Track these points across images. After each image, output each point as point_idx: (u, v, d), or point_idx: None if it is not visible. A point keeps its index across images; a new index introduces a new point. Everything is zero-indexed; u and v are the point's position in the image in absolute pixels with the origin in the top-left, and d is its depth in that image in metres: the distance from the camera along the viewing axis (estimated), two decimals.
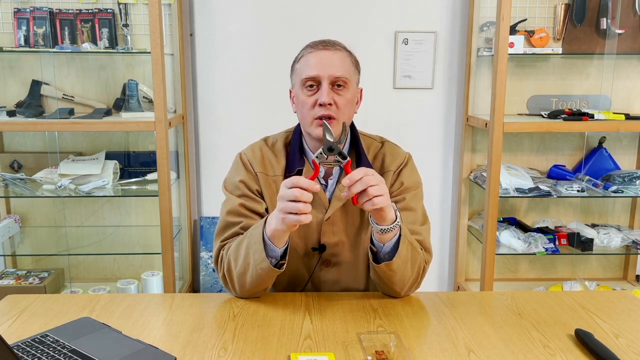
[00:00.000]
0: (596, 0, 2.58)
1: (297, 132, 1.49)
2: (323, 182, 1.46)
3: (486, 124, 2.46)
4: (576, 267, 2.92)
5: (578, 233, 2.61)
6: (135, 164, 2.69)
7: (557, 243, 2.59)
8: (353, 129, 1.49)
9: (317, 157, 1.22)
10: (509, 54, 2.36)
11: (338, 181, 1.45)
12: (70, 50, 2.49)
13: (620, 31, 2.59)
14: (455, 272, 2.92)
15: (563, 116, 2.50)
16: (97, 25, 2.53)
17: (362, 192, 1.18)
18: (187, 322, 1.26)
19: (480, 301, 1.40)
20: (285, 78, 1.57)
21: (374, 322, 1.26)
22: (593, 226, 2.76)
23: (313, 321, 1.26)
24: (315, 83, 1.37)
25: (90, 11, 2.53)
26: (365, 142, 1.50)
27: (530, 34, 2.61)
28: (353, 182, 1.18)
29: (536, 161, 2.81)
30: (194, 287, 2.88)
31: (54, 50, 2.49)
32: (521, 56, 2.63)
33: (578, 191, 2.52)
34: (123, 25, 2.52)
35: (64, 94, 2.61)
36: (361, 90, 1.49)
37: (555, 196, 2.50)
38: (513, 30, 2.56)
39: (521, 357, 1.11)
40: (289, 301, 1.37)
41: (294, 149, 1.47)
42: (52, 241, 2.76)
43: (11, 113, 2.49)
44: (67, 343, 1.12)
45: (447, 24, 2.72)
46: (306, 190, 1.17)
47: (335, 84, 1.37)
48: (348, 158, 1.22)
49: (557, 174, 2.69)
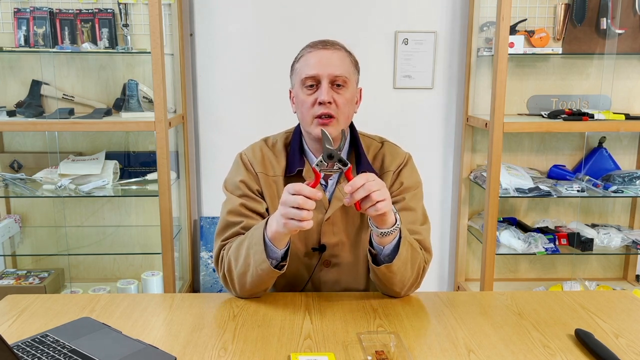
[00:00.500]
0: (596, 0, 2.58)
1: (297, 133, 1.49)
2: (323, 183, 1.46)
3: (486, 124, 2.46)
4: (576, 267, 2.92)
5: (578, 233, 2.61)
6: (135, 164, 2.69)
7: (557, 243, 2.59)
8: (353, 129, 1.49)
9: (318, 165, 1.21)
10: (509, 54, 2.36)
11: (338, 182, 1.45)
12: (70, 50, 2.49)
13: (620, 31, 2.59)
14: (455, 272, 2.92)
15: (563, 116, 2.50)
16: (97, 25, 2.53)
17: (365, 198, 1.18)
18: (187, 322, 1.26)
19: (480, 301, 1.40)
20: (285, 78, 1.57)
21: (374, 322, 1.26)
22: (593, 226, 2.76)
23: (313, 321, 1.26)
24: (314, 82, 1.37)
25: (90, 11, 2.53)
26: (364, 143, 1.50)
27: (530, 34, 2.61)
28: (355, 189, 1.17)
29: (536, 161, 2.81)
30: (194, 287, 2.88)
31: (54, 50, 2.49)
32: (521, 56, 2.63)
33: (578, 191, 2.52)
34: (123, 25, 2.52)
35: (64, 94, 2.61)
36: (360, 90, 1.49)
37: (555, 196, 2.50)
38: (513, 30, 2.56)
39: (521, 357, 1.11)
40: (289, 301, 1.37)
41: (294, 150, 1.47)
42: (52, 241, 2.75)
43: (11, 113, 2.49)
44: (67, 343, 1.12)
45: (447, 24, 2.72)
46: (309, 198, 1.17)
47: (334, 83, 1.37)
48: (349, 165, 1.21)
49: (557, 174, 2.69)
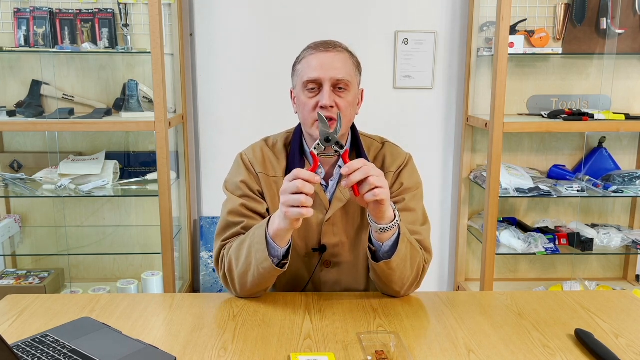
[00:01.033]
0: (596, 0, 2.58)
1: (298, 133, 1.49)
2: (324, 183, 1.46)
3: (486, 124, 2.46)
4: (576, 267, 2.92)
5: (578, 233, 2.61)
6: (135, 164, 2.69)
7: (557, 243, 2.59)
8: (354, 130, 1.49)
9: (315, 149, 1.23)
10: (509, 54, 2.36)
11: (339, 182, 1.45)
12: (70, 50, 2.49)
13: (620, 31, 2.59)
14: (455, 272, 2.92)
15: (563, 116, 2.50)
16: (97, 25, 2.53)
17: (364, 182, 1.18)
18: (187, 322, 1.25)
19: (480, 301, 1.40)
20: (285, 78, 1.57)
21: (374, 322, 1.26)
22: (593, 226, 2.76)
23: (313, 321, 1.26)
24: (316, 85, 1.37)
25: (90, 11, 2.53)
26: (365, 143, 1.50)
27: (530, 34, 2.61)
28: (352, 171, 1.17)
29: (536, 161, 2.81)
30: (194, 287, 2.88)
31: (54, 50, 2.49)
32: (521, 56, 2.63)
33: (578, 191, 2.52)
34: (123, 25, 2.52)
35: (64, 94, 2.61)
36: (362, 91, 1.49)
37: (555, 196, 2.50)
38: (513, 30, 2.56)
39: (521, 357, 1.11)
40: (289, 301, 1.37)
41: (294, 150, 1.46)
42: (52, 241, 2.75)
43: (11, 113, 2.49)
44: (67, 343, 1.12)
45: (447, 24, 2.72)
46: (307, 182, 1.17)
47: (336, 86, 1.37)
48: (345, 147, 1.22)
49: (557, 174, 2.69)
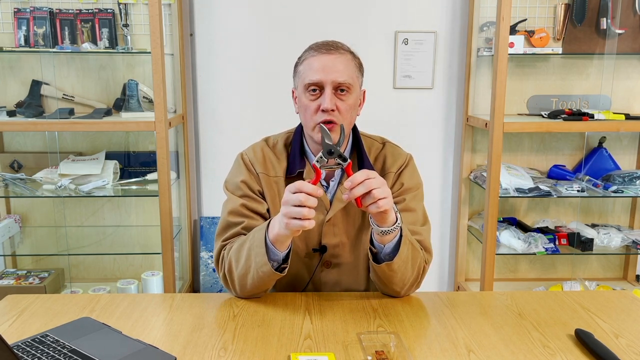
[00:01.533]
0: (596, 0, 2.58)
1: (298, 133, 1.48)
2: (324, 184, 1.46)
3: (486, 124, 2.46)
4: (576, 267, 2.92)
5: (578, 233, 2.61)
6: (135, 164, 2.69)
7: (557, 243, 2.59)
8: (355, 130, 1.49)
9: (318, 161, 1.21)
10: (509, 54, 2.36)
11: (339, 183, 1.45)
12: (70, 50, 2.49)
13: (620, 31, 2.59)
14: (455, 272, 2.92)
15: (563, 116, 2.50)
16: (97, 25, 2.53)
17: (367, 195, 1.18)
18: (187, 322, 1.25)
19: (480, 301, 1.40)
20: (285, 78, 1.57)
21: (374, 322, 1.26)
22: (593, 226, 2.76)
23: (313, 321, 1.26)
24: (318, 88, 1.36)
25: (90, 11, 2.53)
26: (366, 143, 1.50)
27: (530, 34, 2.61)
28: (355, 185, 1.17)
29: (536, 161, 2.81)
30: (194, 287, 2.88)
31: (54, 50, 2.49)
32: (521, 56, 2.63)
33: (578, 191, 2.52)
34: (123, 25, 2.52)
35: (64, 94, 2.61)
36: (364, 91, 1.48)
37: (555, 196, 2.50)
38: (513, 30, 2.56)
39: (521, 357, 1.11)
40: (289, 301, 1.37)
41: (295, 151, 1.46)
42: (52, 241, 2.75)
43: (11, 113, 2.49)
44: (67, 343, 1.12)
45: (447, 24, 2.72)
46: (310, 195, 1.17)
47: (338, 89, 1.36)
48: (349, 160, 1.21)
49: (557, 174, 2.69)
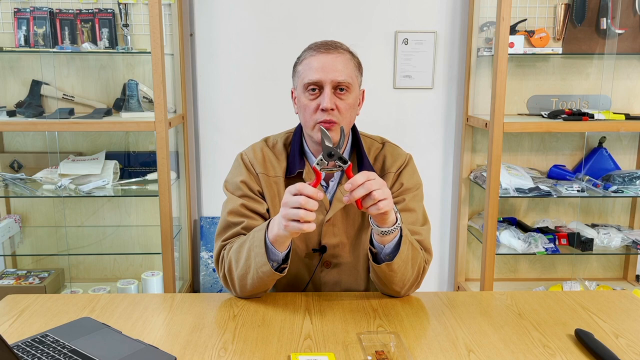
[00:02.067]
0: (596, 0, 2.58)
1: (298, 133, 1.49)
2: (324, 184, 1.46)
3: (486, 124, 2.46)
4: (576, 267, 2.92)
5: (578, 233, 2.61)
6: (135, 164, 2.69)
7: (557, 243, 2.59)
8: (354, 130, 1.49)
9: (318, 164, 1.21)
10: (509, 54, 2.36)
11: (339, 183, 1.45)
12: (70, 50, 2.49)
13: (620, 31, 2.59)
14: (455, 272, 2.92)
15: (563, 116, 2.50)
16: (97, 25, 2.53)
17: (367, 196, 1.18)
18: (187, 322, 1.25)
19: (480, 301, 1.40)
20: (285, 78, 1.57)
21: (374, 322, 1.26)
22: (593, 226, 2.76)
23: (313, 321, 1.26)
24: (317, 87, 1.36)
25: (90, 11, 2.53)
26: (366, 143, 1.50)
27: (530, 34, 2.61)
28: (355, 187, 1.17)
29: (536, 161, 2.81)
30: (194, 287, 2.88)
31: (54, 50, 2.49)
32: (521, 56, 2.63)
33: (578, 191, 2.52)
34: (123, 25, 2.52)
35: (64, 94, 2.61)
36: (363, 91, 1.48)
37: (555, 196, 2.50)
38: (513, 30, 2.56)
39: (521, 357, 1.11)
40: (289, 301, 1.37)
41: (295, 151, 1.46)
42: (52, 241, 2.75)
43: (11, 113, 2.49)
44: (67, 343, 1.12)
45: (447, 24, 2.72)
46: (310, 198, 1.16)
47: (337, 88, 1.36)
48: (349, 162, 1.21)
49: (557, 174, 2.69)
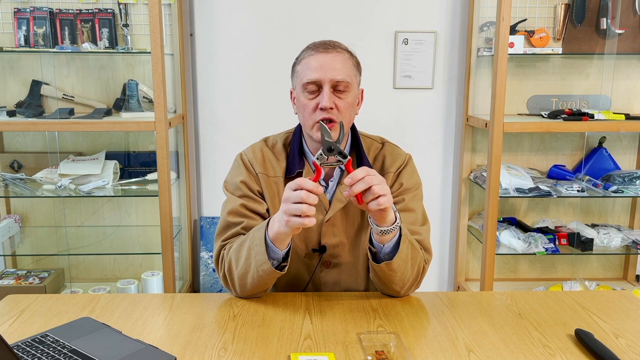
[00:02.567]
0: (596, 0, 2.58)
1: (297, 133, 1.49)
2: (323, 184, 1.46)
3: (486, 124, 2.46)
4: (576, 267, 2.92)
5: (578, 233, 2.61)
6: (135, 164, 2.69)
7: (557, 243, 2.59)
8: (354, 130, 1.49)
9: (318, 159, 1.21)
10: (509, 54, 2.36)
11: (339, 183, 1.45)
12: (70, 50, 2.49)
13: (620, 31, 2.59)
14: (455, 272, 2.92)
15: (563, 116, 2.50)
16: (97, 25, 2.53)
17: (367, 191, 1.18)
18: (187, 322, 1.25)
19: (480, 301, 1.40)
20: (285, 78, 1.57)
21: (374, 322, 1.26)
22: (593, 226, 2.76)
23: (313, 321, 1.26)
24: (316, 87, 1.37)
25: (90, 11, 2.53)
26: (365, 143, 1.50)
27: (530, 34, 2.61)
28: (355, 181, 1.17)
29: (536, 161, 2.81)
30: (194, 287, 2.88)
31: (54, 50, 2.49)
32: (521, 56, 2.63)
33: (578, 191, 2.52)
34: (123, 25, 2.52)
35: (64, 94, 2.61)
36: (362, 91, 1.49)
37: (555, 196, 2.50)
38: (513, 30, 2.56)
39: (521, 357, 1.11)
40: (289, 301, 1.37)
41: (294, 151, 1.46)
42: (52, 241, 2.75)
43: (11, 113, 2.49)
44: (67, 343, 1.12)
45: (447, 24, 2.72)
46: (311, 192, 1.17)
47: (336, 88, 1.36)
48: (348, 157, 1.21)
49: (557, 174, 2.69)
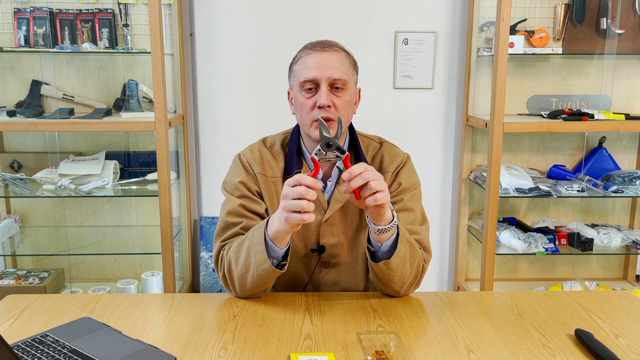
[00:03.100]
0: (596, 0, 2.58)
1: (295, 133, 1.49)
2: (322, 184, 1.46)
3: (486, 124, 2.46)
4: (576, 267, 2.92)
5: (578, 233, 2.61)
6: (135, 164, 2.69)
7: (557, 243, 2.59)
8: (352, 130, 1.49)
9: (316, 154, 1.21)
10: (509, 54, 2.36)
11: (337, 183, 1.45)
12: (70, 50, 2.49)
13: (620, 31, 2.59)
14: (455, 272, 2.92)
15: (563, 116, 2.50)
16: (97, 25, 2.53)
17: (364, 186, 1.18)
18: (187, 322, 1.26)
19: (480, 301, 1.40)
20: (285, 78, 1.57)
21: (374, 322, 1.26)
22: (593, 226, 2.76)
23: (313, 321, 1.26)
24: (313, 85, 1.37)
25: (90, 11, 2.53)
26: (363, 143, 1.50)
27: (530, 34, 2.61)
28: (353, 176, 1.17)
29: (536, 161, 2.81)
30: (194, 287, 2.88)
31: (54, 50, 2.49)
32: (521, 56, 2.63)
33: (578, 191, 2.52)
34: (123, 25, 2.52)
35: (64, 94, 2.61)
36: (359, 90, 1.49)
37: (555, 196, 2.50)
38: (513, 30, 2.56)
39: (521, 357, 1.11)
40: (289, 301, 1.37)
41: (292, 151, 1.46)
42: (52, 241, 2.75)
43: (11, 113, 2.49)
44: (67, 343, 1.12)
45: (447, 24, 2.72)
46: (310, 187, 1.17)
47: (333, 86, 1.37)
48: (347, 152, 1.22)
49: (557, 174, 2.69)
